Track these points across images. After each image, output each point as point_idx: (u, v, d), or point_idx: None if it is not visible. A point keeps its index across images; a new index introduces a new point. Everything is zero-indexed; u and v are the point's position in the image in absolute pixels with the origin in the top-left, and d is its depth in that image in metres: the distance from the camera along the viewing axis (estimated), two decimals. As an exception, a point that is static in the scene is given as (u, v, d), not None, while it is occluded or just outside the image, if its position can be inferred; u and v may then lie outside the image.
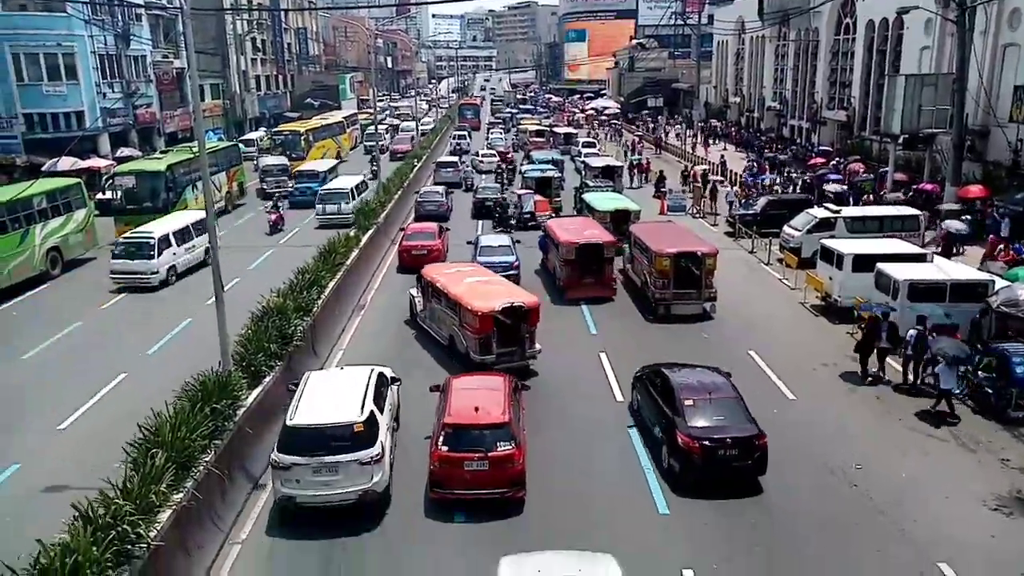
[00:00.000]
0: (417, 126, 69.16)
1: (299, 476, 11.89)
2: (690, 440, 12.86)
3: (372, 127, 52.98)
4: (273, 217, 33.75)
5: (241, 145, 48.67)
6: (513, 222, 32.86)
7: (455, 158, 49.70)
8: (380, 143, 46.89)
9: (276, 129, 58.60)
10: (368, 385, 13.28)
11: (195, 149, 35.30)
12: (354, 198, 34.72)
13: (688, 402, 13.45)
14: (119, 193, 32.18)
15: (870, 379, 17.51)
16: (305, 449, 11.92)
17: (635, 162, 47.04)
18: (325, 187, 36.47)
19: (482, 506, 12.38)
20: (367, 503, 12.13)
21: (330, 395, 13.09)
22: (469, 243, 26.75)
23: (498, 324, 17.37)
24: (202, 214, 26.92)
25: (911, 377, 17.06)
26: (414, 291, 21.48)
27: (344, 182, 37.19)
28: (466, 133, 64.98)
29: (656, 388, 14.53)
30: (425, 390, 15.17)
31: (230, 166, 39.69)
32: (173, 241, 26.05)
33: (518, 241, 26.82)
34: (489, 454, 12.16)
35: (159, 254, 25.21)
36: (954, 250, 25.96)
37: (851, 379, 17.59)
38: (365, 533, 12.08)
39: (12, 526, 11.75)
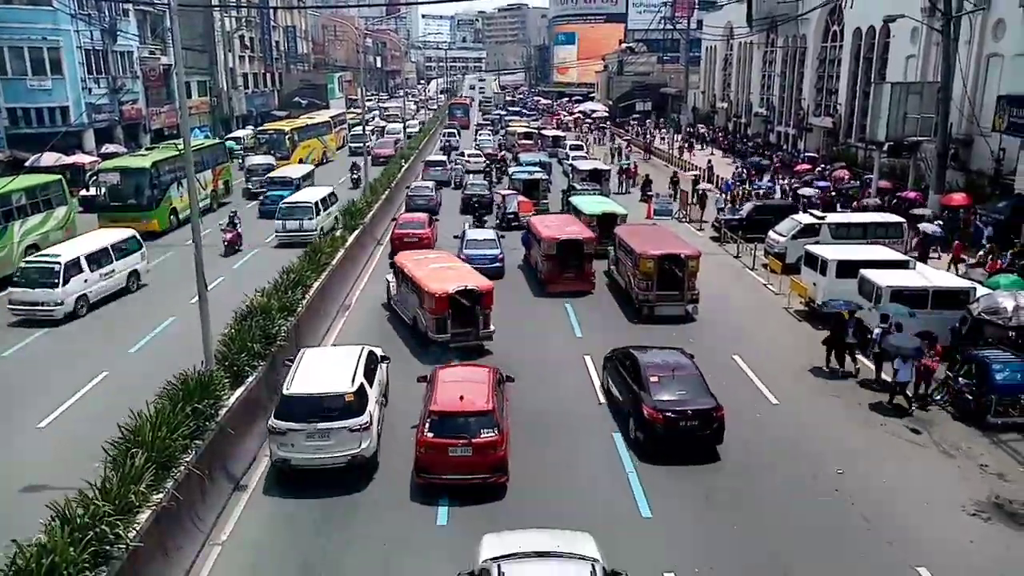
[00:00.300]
0: (404, 128, 68.30)
1: (294, 441, 12.87)
2: (655, 412, 13.98)
3: (358, 128, 52.37)
4: (229, 236, 29.57)
5: (232, 143, 48.47)
6: (487, 220, 33.35)
7: (444, 157, 50.49)
8: (367, 145, 46.17)
9: (260, 128, 57.90)
10: (359, 360, 14.24)
11: (181, 146, 35.15)
12: (319, 212, 31.06)
13: (653, 379, 14.56)
14: (103, 190, 31.90)
15: (836, 372, 18.27)
16: (300, 416, 12.89)
17: (624, 167, 46.92)
18: (286, 200, 32.21)
19: (466, 492, 12.80)
20: (356, 466, 13.13)
21: (324, 368, 14.09)
22: (456, 237, 27.84)
23: (454, 305, 18.69)
24: (126, 233, 24.96)
25: (884, 376, 17.50)
26: (390, 276, 22.33)
27: (308, 195, 32.91)
28: (455, 131, 66.79)
29: (625, 367, 15.65)
30: (409, 382, 15.53)
31: (216, 164, 39.41)
32: (85, 266, 22.45)
33: (503, 236, 27.83)
34: (473, 440, 12.62)
35: (65, 282, 21.61)
36: (929, 253, 26.31)
37: (833, 383, 17.73)
38: (356, 493, 12.99)
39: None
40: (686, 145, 58.45)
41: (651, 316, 21.86)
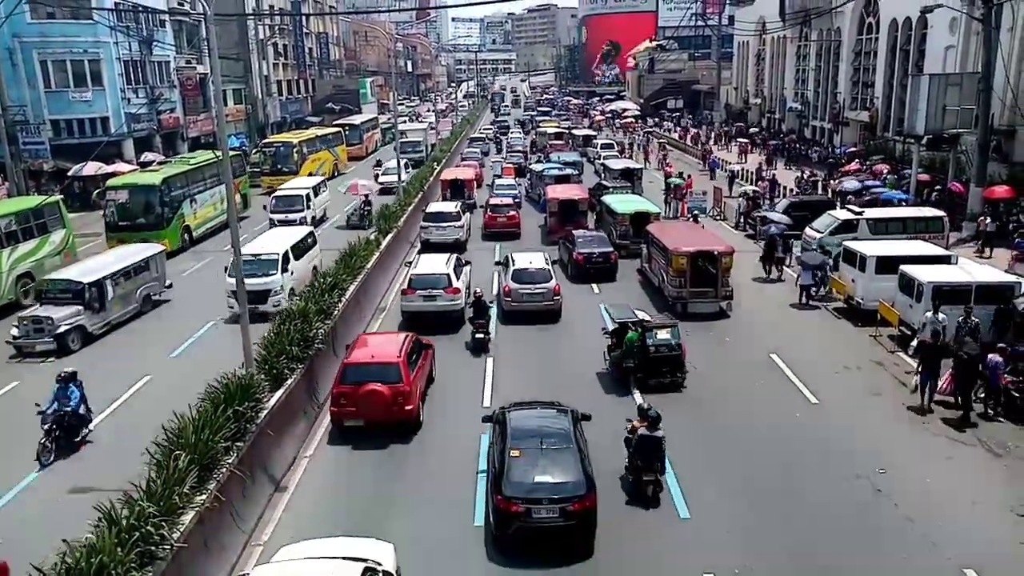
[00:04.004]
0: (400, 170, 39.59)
1: (431, 229, 30.01)
2: (579, 255, 25.47)
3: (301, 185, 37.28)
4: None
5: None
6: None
7: (483, 135, 69.64)
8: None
9: (266, 140, 52.90)
10: (459, 204, 31.54)
11: (193, 160, 35.08)
12: None
13: (580, 240, 26.36)
14: (112, 208, 29.97)
15: (772, 280, 25.08)
16: (434, 219, 30.16)
17: (674, 184, 37.50)
18: None
19: (504, 236, 31.57)
20: (457, 245, 28.80)
21: (443, 204, 32.08)
22: (488, 185, 43.19)
23: (452, 187, 37.96)
24: None
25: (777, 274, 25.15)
26: None
27: None
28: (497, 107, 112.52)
29: (568, 240, 27.13)
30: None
31: (233, 176, 39.51)
32: None
33: (520, 184, 42.77)
34: (507, 213, 32.71)
35: None
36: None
37: (875, 382, 17.44)
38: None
39: (39, 527, 11.88)
40: (710, 141, 56.92)
41: (684, 313, 21.74)
